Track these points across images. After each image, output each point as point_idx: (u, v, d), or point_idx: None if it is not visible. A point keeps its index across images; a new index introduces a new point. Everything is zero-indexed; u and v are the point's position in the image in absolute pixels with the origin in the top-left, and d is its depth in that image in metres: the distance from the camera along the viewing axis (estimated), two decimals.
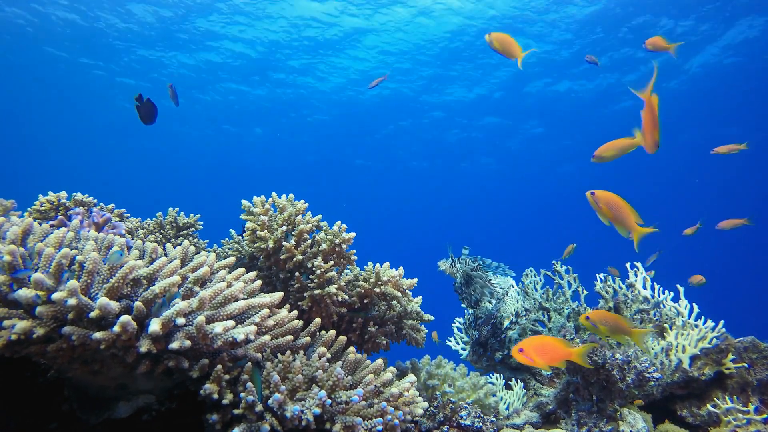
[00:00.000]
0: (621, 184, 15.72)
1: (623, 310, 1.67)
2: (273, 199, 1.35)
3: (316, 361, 0.99)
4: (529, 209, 18.49)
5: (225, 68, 9.58)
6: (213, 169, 17.01)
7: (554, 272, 1.93)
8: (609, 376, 1.26)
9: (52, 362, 0.87)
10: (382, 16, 7.53)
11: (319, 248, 1.28)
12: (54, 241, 0.91)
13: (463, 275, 1.78)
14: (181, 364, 0.86)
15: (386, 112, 11.50)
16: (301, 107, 11.39)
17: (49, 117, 12.77)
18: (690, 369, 1.48)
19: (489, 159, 14.21)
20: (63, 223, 1.20)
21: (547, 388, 1.67)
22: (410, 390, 1.03)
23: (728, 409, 1.40)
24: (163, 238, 1.55)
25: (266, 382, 0.93)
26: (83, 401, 0.95)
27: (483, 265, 1.84)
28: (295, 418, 0.89)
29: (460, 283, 1.78)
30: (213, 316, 0.90)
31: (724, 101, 9.43)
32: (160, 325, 0.80)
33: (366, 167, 16.00)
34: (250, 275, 1.07)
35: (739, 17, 7.07)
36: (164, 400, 0.99)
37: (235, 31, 8.15)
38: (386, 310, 1.35)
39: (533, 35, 7.78)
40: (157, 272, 0.90)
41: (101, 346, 0.79)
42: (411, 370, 1.43)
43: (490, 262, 1.85)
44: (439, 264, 1.84)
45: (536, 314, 1.87)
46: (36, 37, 8.40)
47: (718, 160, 12.13)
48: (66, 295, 0.77)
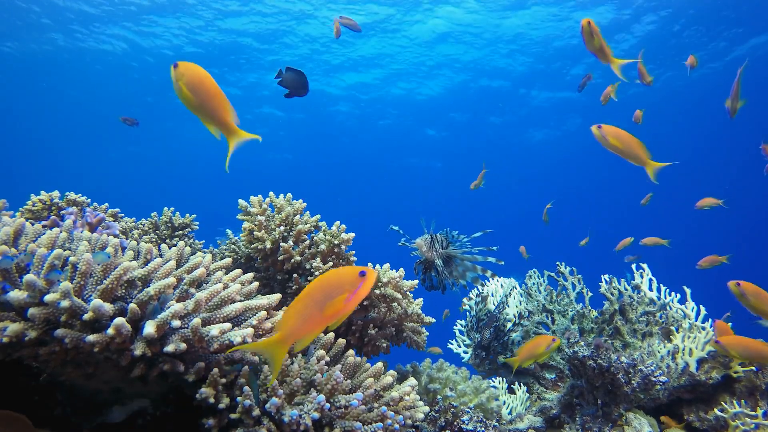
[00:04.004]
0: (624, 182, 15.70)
1: (629, 312, 1.64)
2: (270, 199, 1.33)
3: (315, 365, 0.97)
4: (530, 209, 18.46)
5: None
6: (210, 168, 17.02)
7: (558, 273, 1.91)
8: (614, 379, 1.24)
9: (44, 365, 0.86)
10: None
11: (317, 249, 1.26)
12: (46, 241, 0.90)
13: (442, 257, 1.43)
14: (176, 368, 0.85)
15: (385, 111, 11.51)
16: (299, 105, 11.36)
17: (42, 114, 12.75)
18: (697, 372, 1.45)
19: (493, 157, 14.21)
20: (56, 224, 1.19)
21: (551, 392, 1.64)
22: (411, 394, 1.01)
23: (736, 413, 1.38)
24: (158, 239, 1.53)
25: (263, 386, 0.91)
26: (77, 405, 0.93)
27: (455, 240, 1.45)
28: (293, 423, 0.87)
29: (440, 266, 1.42)
30: (209, 318, 0.88)
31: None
32: (155, 328, 0.78)
33: (366, 166, 16.01)
34: (247, 277, 1.05)
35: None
36: (159, 404, 0.97)
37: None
38: (386, 312, 1.33)
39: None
40: (152, 273, 0.88)
41: (95, 349, 0.77)
42: (412, 374, 1.40)
43: (463, 237, 1.45)
44: (416, 243, 1.40)
45: (540, 316, 1.85)
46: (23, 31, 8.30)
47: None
48: (59, 297, 0.76)
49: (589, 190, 16.74)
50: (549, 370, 1.72)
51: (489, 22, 7.67)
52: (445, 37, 8.21)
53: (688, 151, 12.88)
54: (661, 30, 7.64)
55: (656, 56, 8.40)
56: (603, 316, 1.71)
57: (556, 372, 1.70)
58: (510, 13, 7.40)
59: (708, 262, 2.72)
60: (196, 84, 0.87)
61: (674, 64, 8.54)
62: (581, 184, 16.40)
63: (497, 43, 8.32)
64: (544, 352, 1.31)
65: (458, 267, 1.44)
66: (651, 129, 11.45)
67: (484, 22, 7.69)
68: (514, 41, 8.26)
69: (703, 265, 2.74)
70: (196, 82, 0.87)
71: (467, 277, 1.42)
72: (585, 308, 1.80)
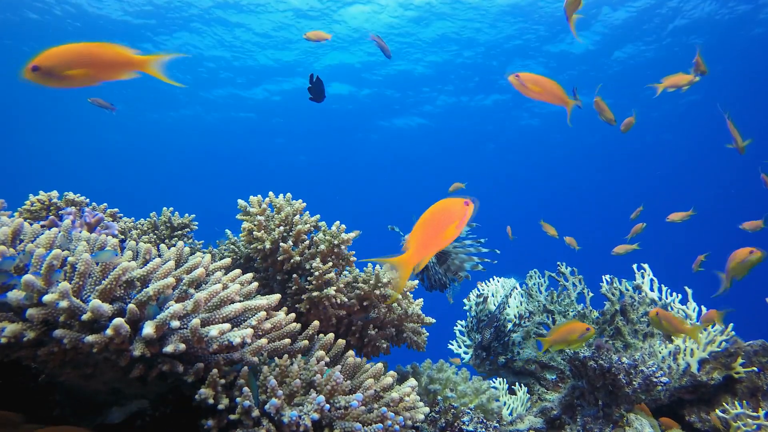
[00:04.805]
0: (621, 181, 15.69)
1: (630, 313, 1.64)
2: (270, 199, 1.33)
3: (315, 365, 0.97)
4: (530, 209, 18.46)
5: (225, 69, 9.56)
6: (209, 168, 17.01)
7: (559, 274, 1.90)
8: (615, 380, 1.23)
9: (43, 366, 0.85)
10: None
11: (317, 249, 1.25)
12: (45, 241, 0.89)
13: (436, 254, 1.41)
14: (175, 368, 0.84)
15: (386, 107, 11.50)
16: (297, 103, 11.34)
17: (40, 114, 12.71)
18: (698, 373, 1.45)
19: (494, 155, 14.18)
20: (54, 224, 1.18)
21: (551, 392, 1.64)
22: (411, 395, 1.00)
23: (738, 414, 1.37)
24: (157, 239, 1.52)
25: (263, 387, 0.90)
26: (75, 406, 0.92)
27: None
28: (292, 424, 0.87)
29: (432, 262, 1.41)
30: (208, 318, 0.88)
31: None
32: (154, 328, 0.78)
33: (366, 164, 15.99)
34: (247, 277, 1.05)
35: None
36: (158, 405, 0.96)
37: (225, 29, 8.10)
38: (386, 313, 1.33)
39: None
40: (150, 274, 0.88)
41: (93, 350, 0.76)
42: (412, 375, 1.40)
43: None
44: (405, 240, 1.33)
45: (540, 317, 1.84)
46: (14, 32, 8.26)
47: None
48: (57, 298, 0.75)
49: (590, 189, 16.73)
50: (550, 371, 1.72)
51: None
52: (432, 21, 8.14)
53: (689, 150, 12.87)
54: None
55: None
56: (604, 316, 1.71)
57: (556, 373, 1.70)
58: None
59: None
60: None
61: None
62: (581, 184, 16.39)
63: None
64: (577, 340, 1.27)
65: (454, 260, 1.44)
66: (651, 128, 11.46)
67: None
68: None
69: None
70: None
71: (465, 267, 1.42)
72: (586, 309, 1.79)
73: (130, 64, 0.85)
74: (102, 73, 0.83)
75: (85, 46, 0.81)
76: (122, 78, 0.85)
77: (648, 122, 10.89)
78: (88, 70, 0.81)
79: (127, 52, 0.84)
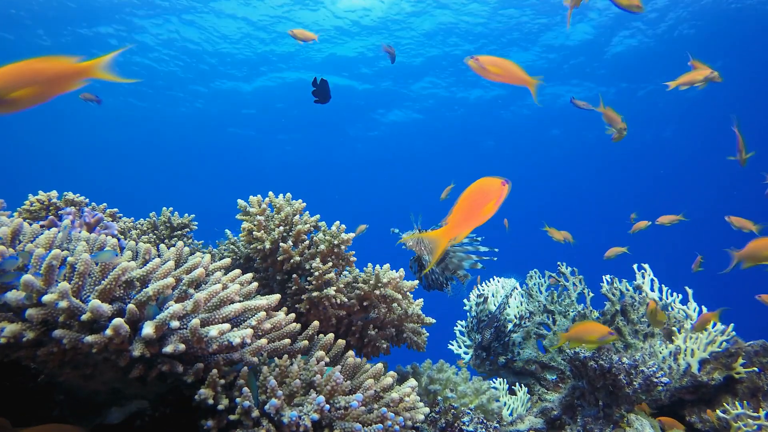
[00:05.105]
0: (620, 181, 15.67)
1: (630, 313, 1.64)
2: (270, 199, 1.33)
3: (314, 366, 0.96)
4: (530, 208, 18.47)
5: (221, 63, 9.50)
6: (208, 168, 16.99)
7: (559, 274, 1.90)
8: (615, 380, 1.23)
9: (42, 366, 0.85)
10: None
11: (317, 249, 1.25)
12: (44, 241, 0.89)
13: (431, 252, 1.39)
14: (175, 369, 0.84)
15: (384, 107, 11.49)
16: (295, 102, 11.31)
17: (39, 114, 12.68)
18: (699, 373, 1.45)
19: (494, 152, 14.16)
20: (53, 224, 1.18)
21: (552, 393, 1.64)
22: (411, 395, 1.00)
23: (738, 414, 1.37)
24: (156, 239, 1.52)
25: (263, 387, 0.90)
26: (75, 406, 0.92)
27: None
28: (292, 424, 0.86)
29: (427, 260, 1.39)
30: (208, 319, 0.87)
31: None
32: (153, 329, 0.77)
33: (365, 163, 15.97)
34: (247, 277, 1.05)
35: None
36: (158, 405, 0.96)
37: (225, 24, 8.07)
38: (386, 313, 1.32)
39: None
40: (150, 274, 0.88)
41: (93, 350, 0.76)
42: (412, 375, 1.40)
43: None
44: (403, 239, 1.38)
45: (541, 317, 1.84)
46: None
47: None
48: (57, 298, 0.75)
49: (590, 189, 16.72)
50: (550, 371, 1.71)
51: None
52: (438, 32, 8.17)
53: (689, 150, 12.86)
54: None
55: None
56: (604, 316, 1.71)
57: (557, 373, 1.70)
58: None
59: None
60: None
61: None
62: (581, 184, 16.38)
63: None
64: (595, 341, 1.27)
65: (452, 259, 1.42)
66: (651, 127, 11.45)
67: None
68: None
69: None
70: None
71: (464, 265, 1.41)
72: (586, 309, 1.79)
73: (75, 74, 0.80)
74: (49, 88, 0.78)
75: (24, 63, 0.76)
76: (73, 89, 0.81)
77: (648, 120, 10.87)
78: (33, 88, 0.76)
79: (69, 61, 0.79)
